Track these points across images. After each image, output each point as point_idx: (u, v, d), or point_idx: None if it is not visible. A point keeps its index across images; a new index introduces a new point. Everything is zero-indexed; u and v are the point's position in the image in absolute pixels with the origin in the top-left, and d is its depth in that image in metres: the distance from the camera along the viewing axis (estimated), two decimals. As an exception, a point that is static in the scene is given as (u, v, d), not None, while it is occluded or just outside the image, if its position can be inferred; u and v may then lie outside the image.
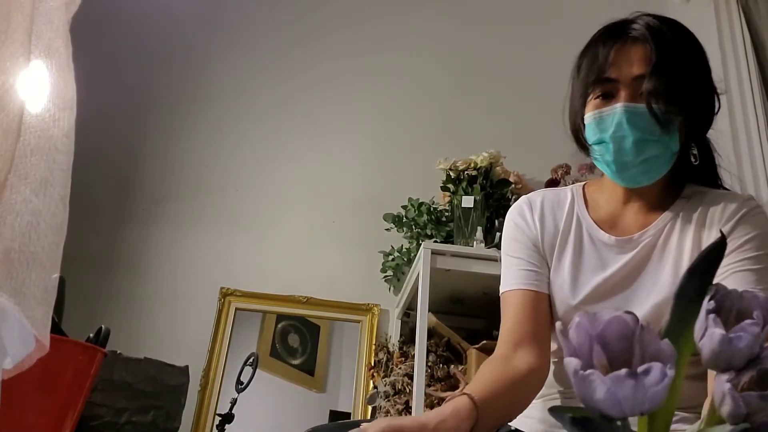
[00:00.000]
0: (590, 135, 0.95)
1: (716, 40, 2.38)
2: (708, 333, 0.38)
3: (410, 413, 1.75)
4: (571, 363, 0.35)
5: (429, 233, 2.29)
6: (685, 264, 0.90)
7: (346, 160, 2.60)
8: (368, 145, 2.63)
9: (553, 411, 0.39)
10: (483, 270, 1.82)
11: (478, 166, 2.13)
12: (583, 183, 1.09)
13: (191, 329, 2.25)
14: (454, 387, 1.83)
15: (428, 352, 1.84)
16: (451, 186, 2.17)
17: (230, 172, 2.55)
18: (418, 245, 2.08)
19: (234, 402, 1.99)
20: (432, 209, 2.33)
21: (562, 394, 0.97)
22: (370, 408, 2.11)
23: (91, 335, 1.50)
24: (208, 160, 2.56)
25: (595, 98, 0.94)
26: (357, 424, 0.87)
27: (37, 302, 0.82)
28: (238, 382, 2.04)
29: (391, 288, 2.36)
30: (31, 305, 0.82)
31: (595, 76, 0.93)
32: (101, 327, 1.51)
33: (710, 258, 0.42)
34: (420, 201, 2.35)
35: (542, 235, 1.02)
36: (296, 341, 2.33)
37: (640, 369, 0.33)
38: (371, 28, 2.84)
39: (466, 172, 2.15)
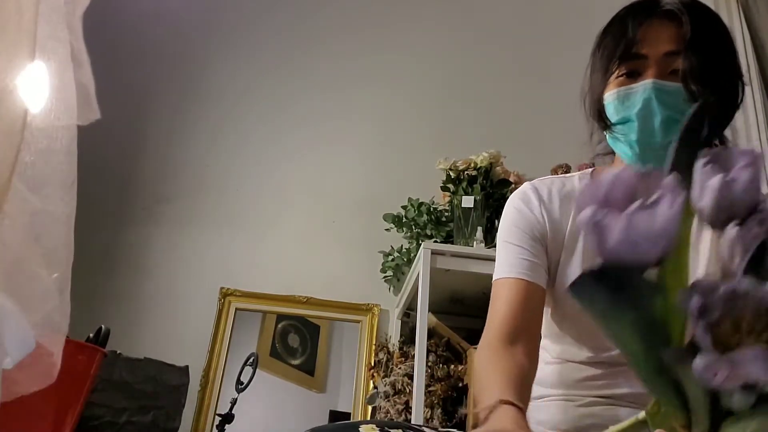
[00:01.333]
0: (612, 114, 0.89)
1: (716, 40, 2.38)
2: (707, 185, 0.37)
3: (410, 413, 1.75)
4: (585, 214, 0.34)
5: (429, 233, 2.29)
6: (702, 263, 0.87)
7: (346, 160, 2.60)
8: (368, 145, 2.63)
9: (578, 280, 0.36)
10: (483, 270, 1.82)
11: (478, 166, 2.13)
12: (591, 170, 1.03)
13: (191, 329, 2.25)
14: (454, 386, 1.83)
15: (428, 352, 1.84)
16: (451, 186, 2.17)
17: (230, 172, 2.55)
18: (418, 245, 2.08)
19: (234, 402, 2.00)
20: (432, 209, 2.33)
21: (562, 397, 0.96)
22: (370, 408, 2.11)
23: (91, 335, 1.50)
24: (208, 160, 2.56)
25: (619, 76, 0.88)
26: (356, 425, 0.86)
27: (38, 302, 0.82)
28: (238, 382, 2.04)
29: (391, 288, 2.36)
30: (33, 305, 0.82)
31: (622, 51, 0.87)
32: (101, 327, 1.51)
33: (695, 124, 0.41)
34: (420, 201, 2.35)
35: (550, 228, 0.96)
36: (296, 341, 2.34)
37: (650, 200, 0.32)
38: (371, 28, 2.84)
39: (466, 172, 2.15)
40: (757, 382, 0.30)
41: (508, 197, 2.21)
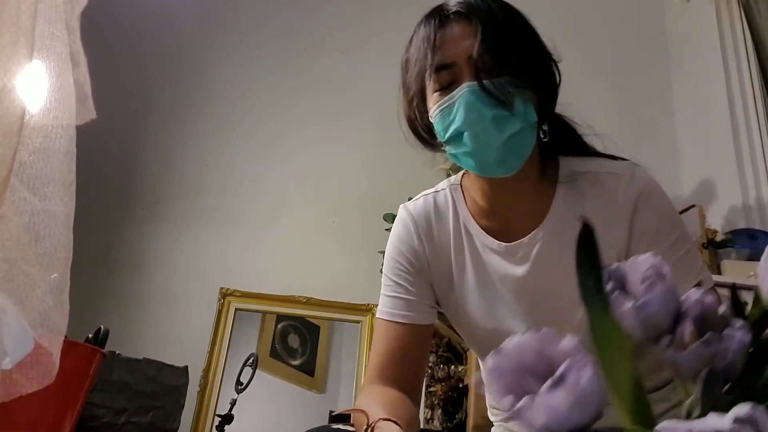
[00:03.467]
0: (442, 132, 0.83)
1: (717, 40, 2.38)
2: (622, 313, 0.36)
3: (410, 414, 1.74)
4: (505, 402, 0.33)
5: (429, 233, 2.28)
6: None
7: (346, 160, 2.59)
8: (368, 145, 2.62)
9: None
10: (483, 270, 1.81)
11: (479, 166, 2.13)
12: (460, 177, 0.97)
13: (191, 329, 2.24)
14: (454, 387, 1.83)
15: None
16: (451, 186, 2.17)
17: (230, 172, 2.55)
18: (419, 245, 2.07)
19: (234, 403, 1.99)
20: (432, 209, 2.33)
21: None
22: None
23: (90, 335, 1.50)
24: (208, 160, 2.56)
25: (435, 91, 0.83)
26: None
27: (37, 302, 0.82)
28: (238, 382, 2.03)
29: (391, 288, 2.35)
30: (31, 305, 0.81)
31: (428, 64, 0.83)
32: (100, 327, 1.50)
33: (586, 248, 0.39)
34: (420, 201, 2.35)
35: (431, 256, 0.91)
36: (296, 342, 2.33)
37: (556, 376, 0.31)
38: (371, 27, 2.83)
39: (466, 172, 2.14)
40: None
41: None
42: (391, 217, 2.38)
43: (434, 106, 0.83)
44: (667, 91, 2.77)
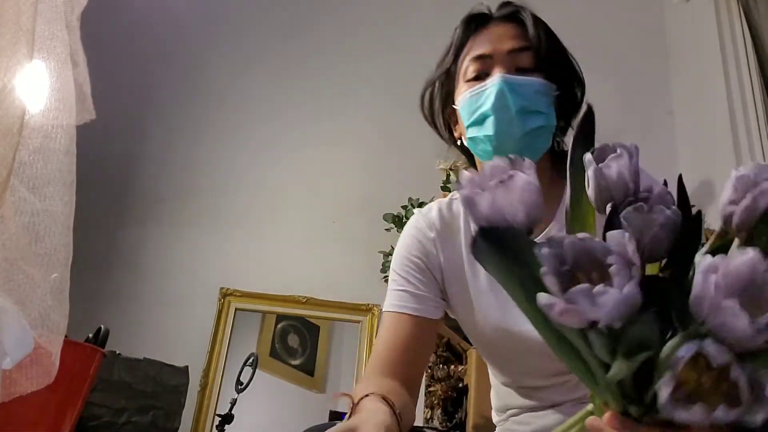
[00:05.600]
0: (467, 115, 0.88)
1: (716, 40, 2.38)
2: (588, 175, 0.42)
3: (410, 413, 1.74)
4: (462, 193, 0.41)
5: (429, 233, 2.28)
6: None
7: (346, 160, 2.59)
8: (368, 145, 2.62)
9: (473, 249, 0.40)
10: (483, 270, 1.81)
11: (478, 166, 2.13)
12: None
13: (191, 329, 2.25)
14: (454, 387, 1.83)
15: (428, 352, 1.84)
16: (451, 186, 2.17)
17: (230, 172, 2.55)
18: (418, 245, 2.07)
19: (234, 402, 1.99)
20: (432, 209, 2.33)
21: (525, 409, 0.92)
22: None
23: (91, 335, 1.50)
24: (208, 160, 2.56)
25: (466, 81, 0.89)
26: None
27: (37, 302, 0.82)
28: (238, 382, 2.03)
29: (391, 288, 2.35)
30: (32, 305, 0.81)
31: (466, 54, 0.90)
32: (100, 327, 1.50)
33: (585, 128, 0.48)
34: (420, 201, 2.35)
35: (445, 259, 0.91)
36: (296, 341, 2.33)
37: (505, 176, 0.40)
38: (371, 28, 2.84)
39: (466, 172, 2.14)
40: (596, 320, 0.33)
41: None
42: (391, 217, 2.38)
43: (466, 91, 0.89)
44: (666, 91, 2.77)
